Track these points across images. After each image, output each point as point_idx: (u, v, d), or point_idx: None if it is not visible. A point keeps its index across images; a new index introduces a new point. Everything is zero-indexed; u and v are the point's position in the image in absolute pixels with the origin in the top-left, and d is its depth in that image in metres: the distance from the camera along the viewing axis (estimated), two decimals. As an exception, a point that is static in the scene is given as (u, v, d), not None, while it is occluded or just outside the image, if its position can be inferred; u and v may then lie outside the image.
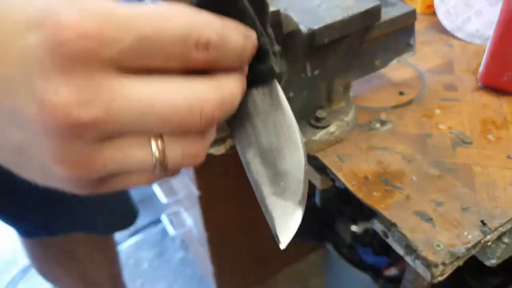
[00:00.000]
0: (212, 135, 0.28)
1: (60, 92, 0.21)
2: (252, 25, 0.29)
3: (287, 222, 0.34)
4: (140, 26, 0.22)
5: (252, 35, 0.29)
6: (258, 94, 0.35)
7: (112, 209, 0.92)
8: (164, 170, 0.26)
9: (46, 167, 0.24)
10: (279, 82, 0.37)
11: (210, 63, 0.25)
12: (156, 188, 1.43)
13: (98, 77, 0.22)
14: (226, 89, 0.26)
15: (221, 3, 0.27)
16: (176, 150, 0.25)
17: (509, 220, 0.49)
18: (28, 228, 0.86)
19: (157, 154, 0.25)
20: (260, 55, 0.31)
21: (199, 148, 0.26)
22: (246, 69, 0.30)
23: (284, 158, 0.35)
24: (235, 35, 0.26)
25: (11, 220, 0.83)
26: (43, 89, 0.21)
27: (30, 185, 0.27)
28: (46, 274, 1.01)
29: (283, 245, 0.34)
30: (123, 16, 0.22)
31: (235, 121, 0.35)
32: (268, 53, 0.33)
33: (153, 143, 0.24)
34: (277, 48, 0.35)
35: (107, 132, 0.23)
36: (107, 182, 0.26)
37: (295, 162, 0.35)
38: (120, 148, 0.24)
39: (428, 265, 0.46)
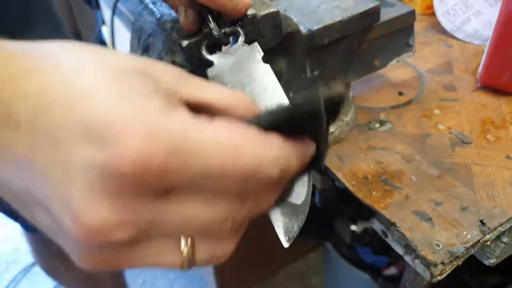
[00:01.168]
0: (238, 237, 0.27)
1: (99, 215, 0.20)
2: (319, 140, 0.28)
3: (291, 222, 0.35)
4: (207, 162, 0.21)
5: (311, 150, 0.27)
6: None
7: None
8: (190, 268, 0.25)
9: (67, 249, 0.24)
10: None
11: (262, 192, 0.25)
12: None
13: (145, 200, 0.21)
14: (264, 206, 0.26)
15: (297, 123, 0.25)
16: (205, 252, 0.25)
17: (508, 220, 0.49)
18: (33, 225, 0.86)
19: (186, 256, 0.24)
20: (316, 159, 0.29)
21: (226, 251, 0.26)
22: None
23: None
24: (296, 160, 0.25)
25: (17, 215, 0.84)
26: (81, 206, 0.20)
27: None
28: (48, 269, 1.02)
29: (286, 244, 0.34)
30: (192, 147, 0.21)
31: None
32: (322, 159, 0.31)
33: (183, 245, 0.24)
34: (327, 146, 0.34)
35: (139, 243, 0.23)
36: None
37: None
38: (149, 251, 0.23)
39: (427, 264, 0.46)
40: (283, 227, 0.35)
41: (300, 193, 0.35)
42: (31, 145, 0.21)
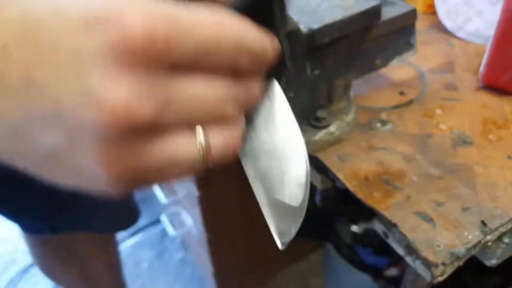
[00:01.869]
0: (242, 125, 0.29)
1: (121, 91, 0.21)
2: (278, 32, 0.31)
3: (287, 224, 0.35)
4: (203, 31, 0.23)
5: (277, 44, 0.30)
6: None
7: (115, 209, 0.92)
8: (208, 161, 0.26)
9: (84, 170, 0.23)
10: (279, 82, 0.37)
11: (250, 70, 0.27)
12: (156, 189, 1.43)
13: (158, 77, 0.22)
14: (253, 87, 0.28)
15: (257, 9, 0.29)
16: (218, 139, 0.26)
17: (509, 220, 0.49)
18: (32, 225, 0.86)
19: (202, 145, 0.25)
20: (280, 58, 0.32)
21: (236, 135, 0.28)
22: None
23: (285, 159, 0.35)
24: (270, 46, 0.28)
25: (15, 217, 0.83)
26: (102, 89, 0.21)
27: (35, 183, 0.27)
28: (47, 270, 1.02)
29: (281, 247, 0.34)
30: (188, 21, 0.22)
31: None
32: (287, 57, 0.35)
33: (198, 135, 0.25)
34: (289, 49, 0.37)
35: (159, 129, 0.23)
36: (147, 179, 0.26)
37: (296, 164, 0.35)
38: (167, 143, 0.24)
39: (428, 265, 0.46)
40: (278, 229, 0.35)
41: (297, 195, 0.35)
42: (27, 63, 0.21)
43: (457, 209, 0.51)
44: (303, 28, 0.52)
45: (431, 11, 0.89)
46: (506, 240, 0.49)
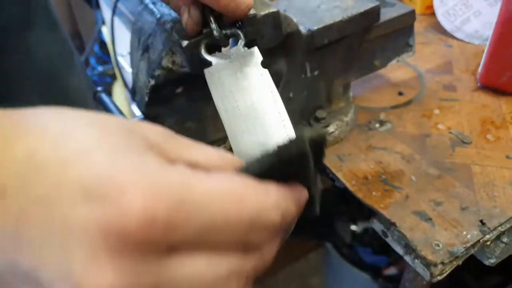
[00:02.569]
0: None
1: (105, 278, 0.19)
2: (309, 184, 0.28)
3: None
4: (211, 213, 0.21)
5: (305, 196, 0.28)
6: None
7: None
8: None
9: None
10: (277, 84, 0.37)
11: (265, 241, 0.25)
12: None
13: (150, 261, 0.20)
14: (267, 257, 0.26)
15: (286, 168, 0.26)
16: None
17: (508, 220, 0.49)
18: None
19: None
20: (310, 203, 0.30)
21: None
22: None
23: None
24: (293, 206, 0.26)
25: None
26: (84, 273, 0.19)
27: None
28: None
29: None
30: (197, 200, 0.21)
31: None
32: (315, 203, 0.32)
33: None
34: (320, 189, 0.35)
35: None
36: None
37: None
38: None
39: (427, 264, 0.46)
40: None
41: None
42: (19, 213, 0.19)
43: (455, 209, 0.51)
44: (303, 29, 0.53)
45: (430, 12, 0.90)
46: (504, 239, 0.49)
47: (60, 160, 0.20)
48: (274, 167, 0.25)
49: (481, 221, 0.49)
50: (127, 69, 1.07)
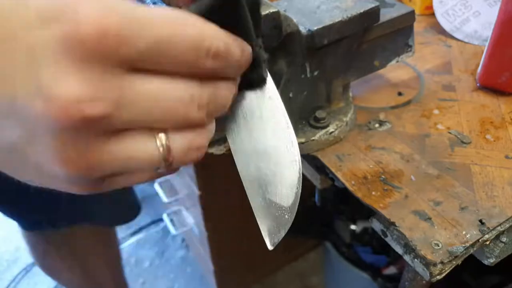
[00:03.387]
0: (211, 129, 0.29)
1: (72, 86, 0.21)
2: (248, 36, 0.30)
3: (277, 225, 0.35)
4: (157, 29, 0.23)
5: (249, 48, 0.29)
6: (251, 97, 0.35)
7: (115, 202, 0.92)
8: (169, 165, 0.26)
9: (44, 167, 0.23)
10: (277, 84, 0.37)
11: (215, 72, 0.26)
12: (158, 188, 1.43)
13: (110, 74, 0.22)
14: (221, 91, 0.27)
15: (222, 12, 0.28)
16: (180, 143, 0.26)
17: (507, 220, 0.50)
18: (31, 221, 0.86)
19: (162, 148, 0.25)
20: (253, 64, 0.32)
21: (200, 141, 0.27)
22: (239, 78, 0.31)
23: (278, 160, 0.35)
24: (236, 48, 0.27)
25: (15, 213, 0.84)
26: (53, 84, 0.21)
27: None
28: (48, 268, 1.02)
29: (270, 247, 0.34)
30: (142, 17, 0.22)
31: (230, 124, 0.36)
32: (261, 63, 0.34)
33: (158, 137, 0.25)
34: (266, 56, 0.36)
35: (113, 127, 0.23)
36: (108, 180, 0.26)
37: (289, 165, 0.35)
38: (125, 144, 0.24)
39: (427, 264, 0.46)
40: (268, 229, 0.35)
41: (288, 196, 0.35)
42: None
43: (455, 208, 0.51)
44: (303, 29, 0.53)
45: (429, 12, 0.90)
46: (504, 239, 0.50)
47: (13, 1, 0.21)
48: (212, 9, 0.27)
49: (480, 220, 0.50)
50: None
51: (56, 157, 0.22)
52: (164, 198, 1.41)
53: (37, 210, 0.82)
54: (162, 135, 0.25)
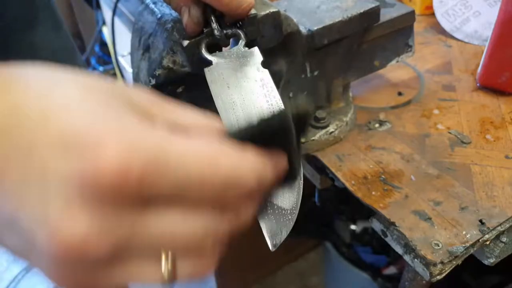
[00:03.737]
0: (219, 254, 0.27)
1: (78, 226, 0.20)
2: (291, 155, 0.29)
3: (278, 226, 0.35)
4: (186, 171, 0.21)
5: (283, 163, 0.28)
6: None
7: None
8: (172, 284, 0.25)
9: (43, 271, 0.23)
10: (277, 84, 0.37)
11: (241, 202, 0.25)
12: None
13: (124, 212, 0.21)
14: (243, 218, 0.26)
15: (268, 137, 0.26)
16: (186, 269, 0.24)
17: (507, 220, 0.50)
18: None
19: (167, 273, 0.24)
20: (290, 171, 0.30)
21: (207, 267, 0.26)
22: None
23: None
24: (271, 173, 0.26)
25: None
26: (59, 219, 0.20)
27: None
28: None
29: (272, 248, 0.34)
30: (172, 158, 0.21)
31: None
32: (296, 172, 0.32)
33: (164, 263, 0.23)
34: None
35: (119, 259, 0.22)
36: None
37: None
38: (128, 269, 0.23)
39: (427, 264, 0.46)
40: (270, 231, 0.35)
41: (290, 198, 0.35)
42: (2, 163, 0.20)
43: (455, 208, 0.51)
44: (303, 29, 0.53)
45: (429, 12, 0.90)
46: (504, 239, 0.50)
47: (42, 113, 0.20)
48: (255, 137, 0.25)
49: (480, 220, 0.50)
50: (128, 69, 1.07)
51: (53, 277, 0.22)
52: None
53: None
54: (169, 262, 0.24)
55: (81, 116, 0.21)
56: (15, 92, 0.21)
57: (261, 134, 0.26)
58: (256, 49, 0.43)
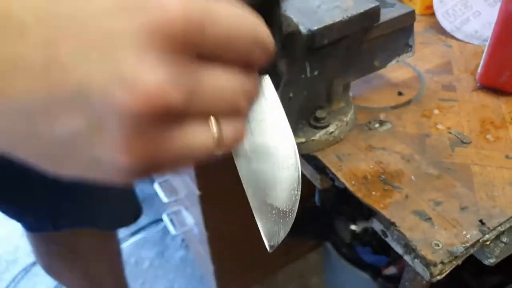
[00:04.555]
0: (248, 115, 0.30)
1: (156, 76, 0.20)
2: (273, 31, 0.31)
3: (276, 227, 0.35)
4: (229, 22, 0.23)
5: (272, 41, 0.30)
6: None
7: (118, 204, 0.92)
8: (221, 149, 0.26)
9: (102, 158, 0.22)
10: (277, 84, 0.37)
11: (257, 64, 0.27)
12: (157, 188, 1.43)
13: (189, 63, 0.22)
14: (257, 80, 0.28)
15: (265, 10, 0.29)
16: (230, 130, 0.26)
17: (507, 220, 0.50)
18: (34, 223, 0.86)
19: (215, 136, 0.25)
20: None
21: (243, 125, 0.28)
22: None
23: (278, 162, 0.35)
24: (273, 44, 0.28)
25: (18, 215, 0.84)
26: (136, 71, 0.20)
27: (37, 180, 0.26)
28: (49, 269, 1.02)
29: (270, 249, 0.34)
30: (216, 10, 0.23)
31: None
32: (278, 57, 0.35)
33: (212, 126, 0.25)
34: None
35: (182, 117, 0.23)
36: (163, 166, 0.25)
37: (289, 168, 0.35)
38: (187, 133, 0.24)
39: (427, 264, 0.46)
40: (267, 232, 0.35)
41: (288, 199, 0.35)
42: (48, 42, 0.20)
43: (455, 208, 0.51)
44: (303, 29, 0.53)
45: (429, 12, 0.90)
46: (504, 239, 0.50)
47: None
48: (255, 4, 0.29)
49: (480, 221, 0.50)
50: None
51: (120, 149, 0.22)
52: (164, 198, 1.41)
53: (40, 212, 0.82)
54: (215, 124, 0.25)
55: None
56: None
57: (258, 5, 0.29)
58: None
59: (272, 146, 0.35)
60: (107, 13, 0.20)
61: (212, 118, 0.25)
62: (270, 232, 0.35)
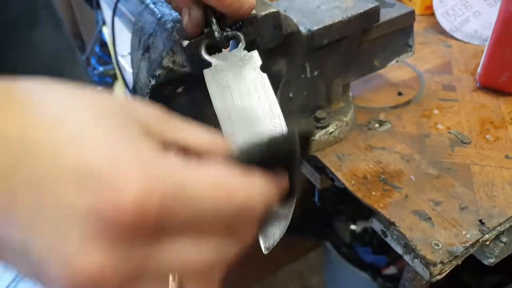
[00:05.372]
0: (222, 276, 0.27)
1: (96, 259, 0.20)
2: (292, 174, 0.29)
3: (272, 228, 0.35)
4: (202, 203, 0.22)
5: (285, 184, 0.28)
6: None
7: None
8: None
9: None
10: (277, 84, 0.37)
11: (248, 227, 0.25)
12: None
13: (140, 244, 0.21)
14: (247, 243, 0.26)
15: (274, 160, 0.27)
16: None
17: (507, 220, 0.50)
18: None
19: None
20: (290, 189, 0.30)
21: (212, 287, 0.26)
22: None
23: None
24: (275, 195, 0.26)
25: None
26: (77, 252, 0.20)
27: None
28: None
29: (265, 251, 0.34)
30: (189, 191, 0.21)
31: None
32: (294, 192, 0.32)
33: (172, 285, 0.23)
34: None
35: (130, 286, 0.22)
36: None
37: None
38: None
39: (427, 264, 0.46)
40: (263, 234, 0.35)
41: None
42: (10, 194, 0.20)
43: (455, 208, 0.51)
44: (303, 29, 0.53)
45: (429, 12, 0.90)
46: (504, 239, 0.50)
47: (53, 143, 0.20)
48: (262, 158, 0.26)
49: (480, 220, 0.50)
50: (128, 69, 1.07)
51: None
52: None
53: None
54: (177, 286, 0.23)
55: (94, 147, 0.20)
56: (25, 118, 0.21)
57: (266, 155, 0.26)
58: (255, 53, 0.43)
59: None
60: (64, 185, 0.20)
61: (171, 279, 0.23)
62: (266, 234, 0.35)
